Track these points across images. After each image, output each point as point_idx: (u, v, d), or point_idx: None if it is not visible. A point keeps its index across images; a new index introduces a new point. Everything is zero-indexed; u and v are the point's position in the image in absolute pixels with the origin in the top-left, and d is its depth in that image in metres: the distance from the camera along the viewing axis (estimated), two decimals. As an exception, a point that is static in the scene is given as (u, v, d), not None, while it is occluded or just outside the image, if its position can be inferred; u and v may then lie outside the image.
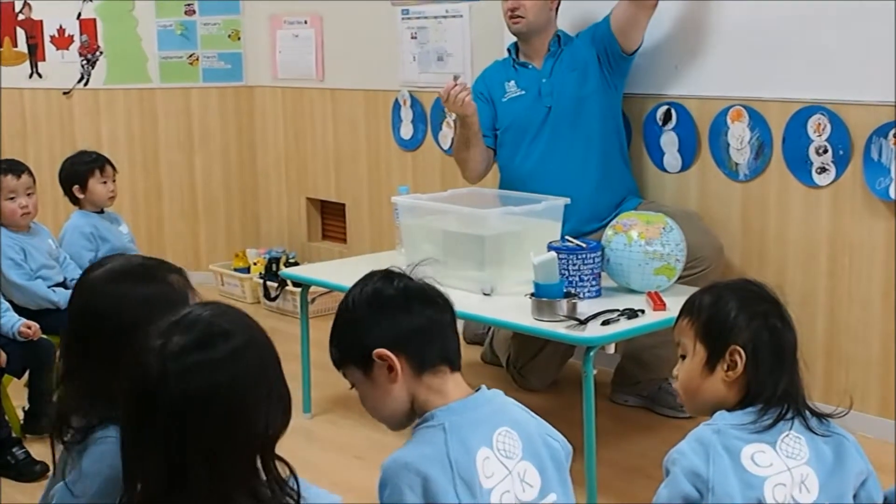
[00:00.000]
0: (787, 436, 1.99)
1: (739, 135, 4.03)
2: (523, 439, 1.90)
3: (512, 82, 4.24)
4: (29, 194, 4.20)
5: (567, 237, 3.62)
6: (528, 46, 4.25)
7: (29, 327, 3.89)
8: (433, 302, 1.94)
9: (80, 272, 4.27)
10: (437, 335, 1.93)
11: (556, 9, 4.25)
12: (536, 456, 1.91)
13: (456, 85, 3.99)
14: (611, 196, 4.14)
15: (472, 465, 1.82)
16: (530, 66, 4.23)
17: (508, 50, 4.31)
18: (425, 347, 1.91)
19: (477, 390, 1.95)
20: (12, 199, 4.15)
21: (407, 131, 5.38)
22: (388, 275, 1.97)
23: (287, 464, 1.68)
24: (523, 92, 4.20)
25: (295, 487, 1.66)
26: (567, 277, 3.43)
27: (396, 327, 1.89)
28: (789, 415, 2.01)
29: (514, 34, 4.24)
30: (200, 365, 1.58)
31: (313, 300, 4.26)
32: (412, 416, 1.93)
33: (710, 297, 2.10)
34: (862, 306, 3.75)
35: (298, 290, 5.19)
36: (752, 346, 2.03)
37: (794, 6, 3.82)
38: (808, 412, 2.04)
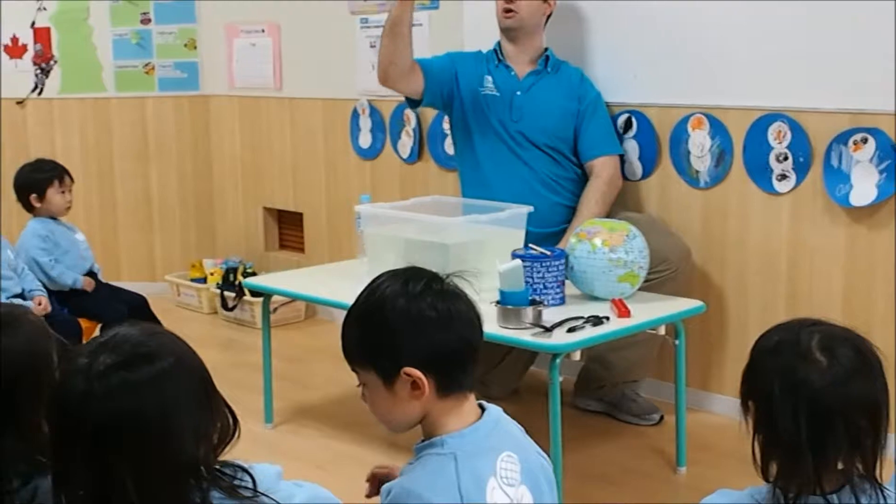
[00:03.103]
0: None
1: (700, 142, 4.05)
2: (522, 462, 1.85)
3: (490, 78, 4.21)
4: (-13, 206, 4.16)
5: (531, 245, 3.62)
6: (514, 48, 4.21)
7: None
8: (471, 323, 1.85)
9: (37, 281, 4.29)
10: (469, 357, 1.84)
11: (546, 21, 4.23)
12: (532, 478, 1.86)
13: None
14: (571, 206, 4.15)
15: (482, 497, 1.76)
16: (512, 72, 4.21)
17: (494, 50, 4.27)
18: (456, 373, 1.82)
19: (481, 407, 1.88)
20: (-32, 210, 4.11)
21: (365, 140, 5.36)
22: (430, 281, 1.85)
23: (237, 465, 1.68)
24: (498, 94, 4.19)
25: (250, 484, 1.66)
26: (532, 285, 3.43)
27: (435, 352, 1.80)
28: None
29: (504, 29, 4.19)
30: (125, 385, 1.55)
31: (274, 310, 4.22)
32: (422, 430, 1.86)
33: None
34: (822, 312, 3.74)
35: (256, 300, 5.18)
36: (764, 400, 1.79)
37: (754, 15, 3.85)
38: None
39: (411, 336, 1.79)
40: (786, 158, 3.82)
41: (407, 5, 4.03)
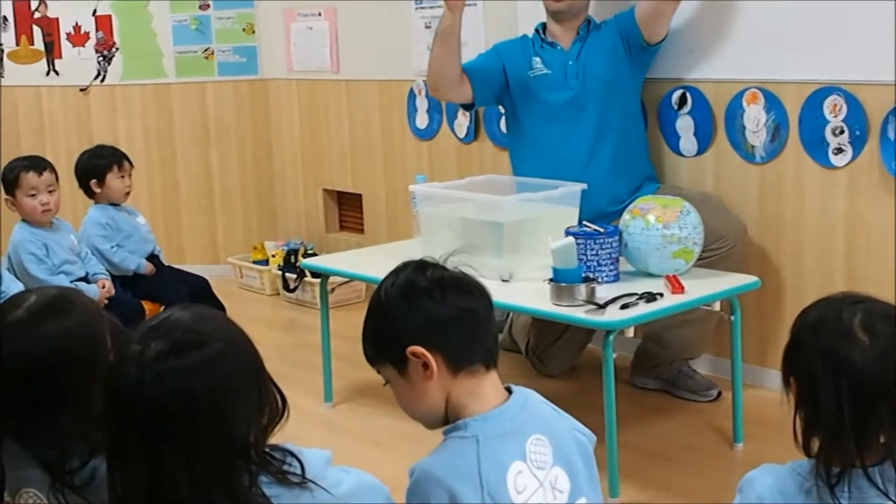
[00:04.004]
0: None
1: (755, 117, 4.03)
2: (553, 444, 1.85)
3: (538, 59, 4.22)
4: (50, 191, 4.26)
5: (585, 222, 3.63)
6: (561, 28, 4.22)
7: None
8: (470, 295, 1.86)
9: (99, 264, 4.39)
10: (475, 332, 1.85)
11: None
12: (566, 459, 1.86)
13: None
14: (627, 181, 4.14)
15: (502, 482, 1.77)
16: (557, 47, 4.22)
17: (536, 30, 4.29)
18: (462, 346, 1.83)
19: (508, 390, 1.89)
20: (33, 195, 4.21)
21: (422, 121, 5.39)
22: (421, 265, 1.88)
23: (284, 449, 1.71)
24: (549, 71, 4.19)
25: (298, 471, 1.69)
26: (585, 262, 3.44)
27: (432, 324, 1.81)
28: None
29: (553, 13, 4.21)
30: (175, 371, 1.58)
31: (332, 290, 4.28)
32: (448, 417, 1.86)
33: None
34: (879, 287, 3.73)
35: (317, 280, 5.22)
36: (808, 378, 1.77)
37: (807, -13, 3.82)
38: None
39: (406, 315, 1.82)
40: (842, 132, 3.78)
41: (456, 14, 4.08)
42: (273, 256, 5.97)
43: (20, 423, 1.86)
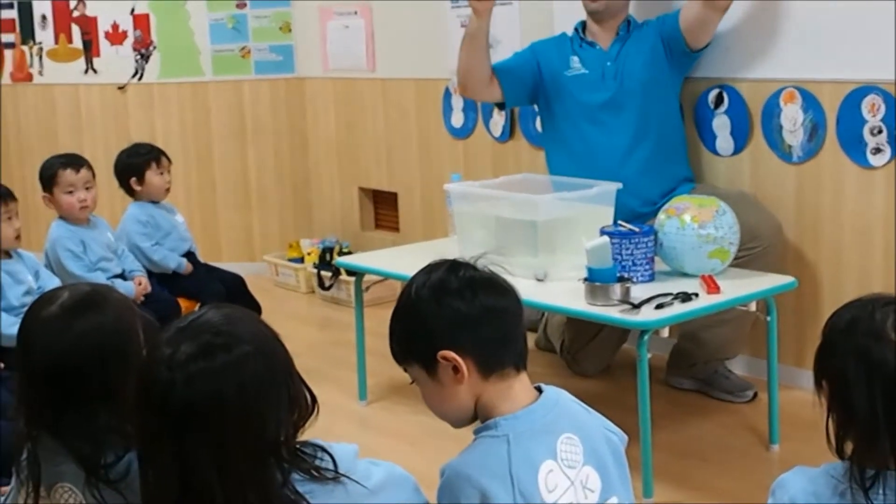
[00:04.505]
0: None
1: (792, 116, 4.00)
2: (584, 443, 1.84)
3: (576, 58, 4.21)
4: (88, 188, 4.29)
5: (620, 222, 3.61)
6: (599, 27, 4.21)
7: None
8: (500, 295, 1.84)
9: (137, 262, 4.42)
10: (506, 334, 1.84)
11: None
12: (597, 457, 1.85)
13: None
14: (660, 183, 4.11)
15: (534, 480, 1.76)
16: (597, 47, 4.20)
17: (576, 29, 4.28)
18: (494, 348, 1.82)
19: (538, 389, 1.88)
20: (71, 192, 4.25)
21: (458, 119, 5.39)
22: (453, 266, 1.86)
23: (315, 444, 1.72)
24: (587, 71, 4.18)
25: (331, 465, 1.70)
26: (620, 262, 3.43)
27: (462, 325, 1.79)
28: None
29: (591, 12, 4.20)
30: (205, 374, 1.59)
31: (367, 288, 4.29)
32: (475, 416, 1.86)
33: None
34: (919, 287, 3.72)
35: (352, 278, 5.24)
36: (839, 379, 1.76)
37: (846, -14, 3.78)
38: None
39: (438, 317, 1.81)
40: (880, 132, 3.75)
41: (483, 19, 4.09)
42: (308, 254, 5.99)
43: (55, 418, 1.88)
